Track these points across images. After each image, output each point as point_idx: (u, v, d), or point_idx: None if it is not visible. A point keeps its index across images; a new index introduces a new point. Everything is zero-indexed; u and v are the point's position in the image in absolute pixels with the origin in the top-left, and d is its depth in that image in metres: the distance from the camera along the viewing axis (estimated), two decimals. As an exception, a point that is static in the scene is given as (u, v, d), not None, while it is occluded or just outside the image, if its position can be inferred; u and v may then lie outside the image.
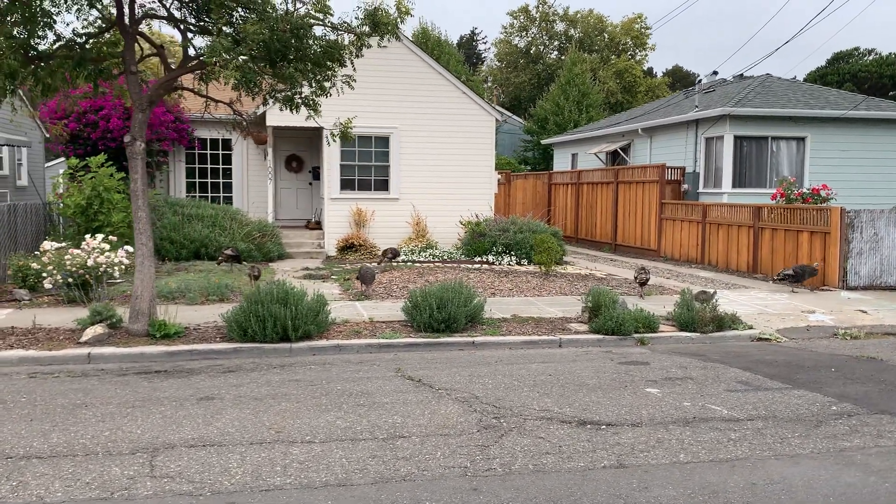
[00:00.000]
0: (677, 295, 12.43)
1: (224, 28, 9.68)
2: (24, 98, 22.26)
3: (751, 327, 11.47)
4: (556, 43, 59.95)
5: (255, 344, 9.75)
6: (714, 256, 18.66)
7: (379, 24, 9.73)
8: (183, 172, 21.98)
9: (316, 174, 22.64)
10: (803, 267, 14.73)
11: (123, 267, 14.87)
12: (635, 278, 14.23)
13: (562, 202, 27.13)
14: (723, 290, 15.04)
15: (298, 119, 19.61)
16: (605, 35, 59.44)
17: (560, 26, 59.91)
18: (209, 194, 21.97)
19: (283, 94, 10.50)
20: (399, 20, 10.01)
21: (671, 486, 4.88)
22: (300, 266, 17.51)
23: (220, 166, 22.18)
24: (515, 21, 59.54)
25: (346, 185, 19.96)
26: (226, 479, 4.89)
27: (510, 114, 51.15)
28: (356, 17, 9.93)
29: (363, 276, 13.32)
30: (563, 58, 53.57)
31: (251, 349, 9.69)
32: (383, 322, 11.21)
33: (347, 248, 19.48)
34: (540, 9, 58.26)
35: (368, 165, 20.03)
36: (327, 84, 10.72)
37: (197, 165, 22.03)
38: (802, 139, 21.50)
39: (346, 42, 10.38)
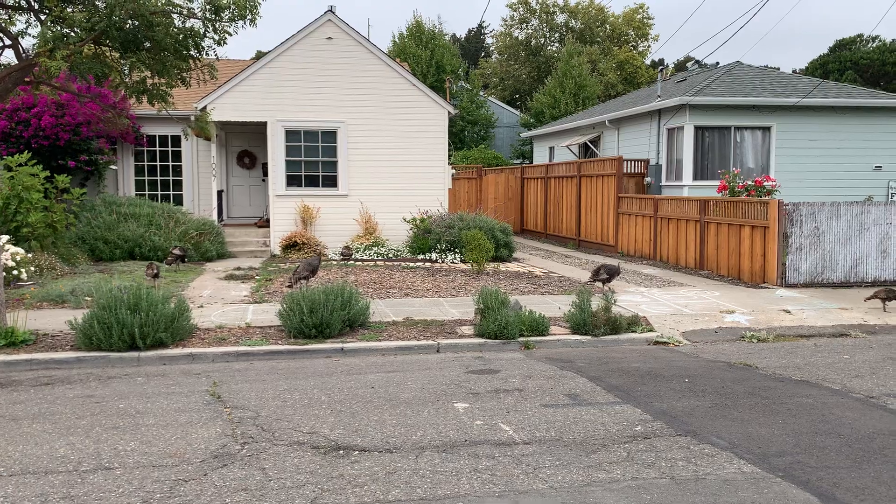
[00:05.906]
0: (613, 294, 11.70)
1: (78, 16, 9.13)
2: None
3: (651, 330, 10.72)
4: (556, 35, 58.77)
5: (101, 353, 9.21)
6: (665, 252, 17.77)
7: (220, 9, 9.08)
8: (132, 171, 21.48)
9: (267, 171, 22.07)
10: None
11: (33, 269, 14.50)
12: (594, 277, 13.66)
13: (533, 197, 26.30)
14: (654, 288, 14.26)
15: (248, 114, 19.02)
16: (607, 26, 58.18)
17: (560, 18, 58.75)
18: (159, 193, 21.46)
19: (135, 85, 9.90)
20: (251, 7, 9.32)
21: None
22: (234, 266, 16.95)
23: (170, 163, 21.63)
24: (515, 13, 58.47)
25: (293, 181, 19.34)
26: None
27: (509, 107, 50.25)
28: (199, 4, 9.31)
29: (300, 273, 12.72)
30: (563, 50, 52.48)
31: (96, 359, 9.14)
32: (261, 328, 10.62)
33: (291, 246, 18.87)
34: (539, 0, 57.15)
35: (315, 161, 19.41)
36: (185, 75, 10.13)
37: (146, 163, 21.50)
38: (768, 129, 20.45)
39: (208, 32, 9.78)
